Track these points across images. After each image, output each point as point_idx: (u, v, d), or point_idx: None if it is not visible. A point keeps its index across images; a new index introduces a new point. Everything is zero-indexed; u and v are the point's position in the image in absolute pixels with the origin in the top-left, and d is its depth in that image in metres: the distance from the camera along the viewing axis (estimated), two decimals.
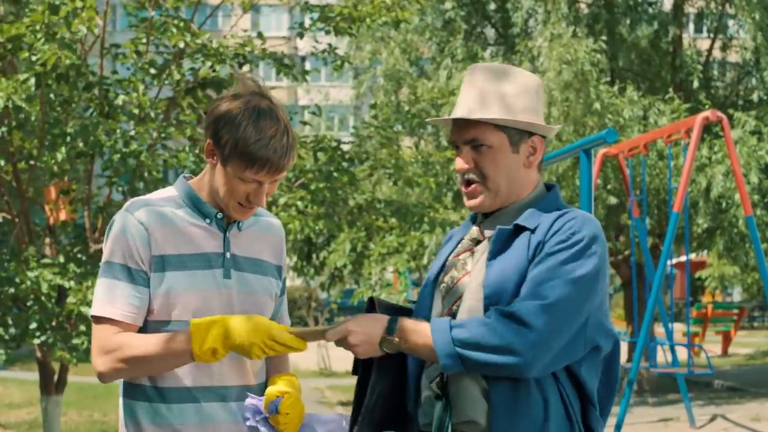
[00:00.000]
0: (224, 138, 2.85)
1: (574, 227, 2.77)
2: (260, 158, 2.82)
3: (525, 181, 2.92)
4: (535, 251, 2.76)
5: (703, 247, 18.91)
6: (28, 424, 13.77)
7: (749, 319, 39.63)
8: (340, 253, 12.72)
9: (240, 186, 2.89)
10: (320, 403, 16.50)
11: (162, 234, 2.92)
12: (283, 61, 9.86)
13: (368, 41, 18.32)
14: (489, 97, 2.87)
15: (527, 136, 2.89)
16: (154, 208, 2.95)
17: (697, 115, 11.27)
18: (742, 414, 13.81)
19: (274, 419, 2.91)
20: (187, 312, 2.91)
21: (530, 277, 2.72)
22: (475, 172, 2.88)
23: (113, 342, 2.87)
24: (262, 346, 2.77)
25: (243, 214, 2.97)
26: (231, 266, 2.99)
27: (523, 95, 2.88)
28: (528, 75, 2.92)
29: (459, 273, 2.88)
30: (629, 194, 12.76)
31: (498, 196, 2.89)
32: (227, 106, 2.87)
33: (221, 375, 2.96)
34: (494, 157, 2.87)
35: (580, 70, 15.23)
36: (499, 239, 2.82)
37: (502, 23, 19.05)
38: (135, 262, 2.89)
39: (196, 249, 2.95)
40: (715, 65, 20.50)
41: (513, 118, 2.85)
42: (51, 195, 9.56)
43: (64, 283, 8.26)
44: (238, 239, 3.04)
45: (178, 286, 2.91)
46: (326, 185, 10.22)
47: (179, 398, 2.93)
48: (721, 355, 25.03)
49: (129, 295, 2.89)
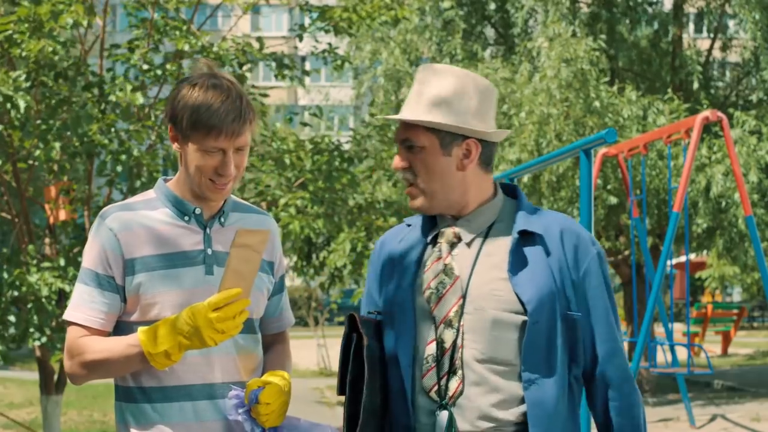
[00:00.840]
0: (179, 115, 2.91)
1: (590, 255, 2.88)
2: (215, 123, 2.86)
3: (470, 185, 2.88)
4: (560, 270, 2.83)
5: (702, 248, 18.90)
6: (28, 423, 13.76)
7: (749, 319, 39.63)
8: (340, 253, 12.71)
9: (206, 160, 2.91)
10: (320, 403, 16.49)
11: (135, 237, 2.95)
12: (283, 62, 9.86)
13: (368, 41, 18.30)
14: (423, 98, 2.85)
15: (461, 139, 2.85)
16: (128, 213, 2.99)
17: (696, 115, 11.26)
18: (741, 414, 13.81)
19: (255, 410, 2.88)
20: (168, 312, 2.92)
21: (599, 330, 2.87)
22: (410, 173, 2.87)
23: (77, 346, 2.95)
24: (208, 325, 2.75)
25: (217, 192, 2.97)
26: (213, 262, 2.99)
27: (461, 97, 2.84)
28: (463, 75, 2.87)
29: (450, 279, 2.83)
30: (629, 194, 12.75)
31: (435, 199, 2.86)
32: (180, 89, 2.96)
33: (211, 373, 2.95)
34: (424, 158, 2.84)
35: (579, 69, 15.22)
36: (516, 249, 2.82)
37: (501, 23, 19.03)
38: (104, 268, 2.95)
39: (173, 248, 2.97)
40: (715, 65, 20.50)
41: (440, 120, 2.81)
42: (51, 194, 9.55)
43: (64, 286, 8.26)
44: (222, 235, 3.03)
45: (155, 287, 2.93)
46: (326, 185, 10.20)
47: (164, 398, 2.94)
48: (720, 355, 25.03)
49: (96, 300, 2.95)
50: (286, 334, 3.31)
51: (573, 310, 2.83)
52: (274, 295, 3.20)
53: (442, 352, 2.80)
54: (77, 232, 9.58)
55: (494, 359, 2.78)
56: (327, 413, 15.22)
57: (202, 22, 9.90)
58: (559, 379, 2.79)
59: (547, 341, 2.78)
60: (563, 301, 2.81)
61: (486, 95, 2.89)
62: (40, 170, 9.18)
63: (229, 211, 3.09)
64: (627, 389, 2.89)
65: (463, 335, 2.80)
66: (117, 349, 2.89)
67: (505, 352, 2.78)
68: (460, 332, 2.80)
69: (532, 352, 2.77)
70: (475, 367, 2.78)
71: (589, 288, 2.86)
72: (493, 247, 2.86)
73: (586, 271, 2.86)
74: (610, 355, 2.87)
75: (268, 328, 3.22)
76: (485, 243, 2.87)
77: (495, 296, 2.80)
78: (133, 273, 2.94)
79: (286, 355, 3.24)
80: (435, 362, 2.81)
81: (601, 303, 2.87)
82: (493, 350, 2.78)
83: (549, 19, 16.24)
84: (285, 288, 3.27)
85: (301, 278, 19.09)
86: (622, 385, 2.88)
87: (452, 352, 2.80)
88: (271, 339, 3.24)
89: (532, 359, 2.77)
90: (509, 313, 2.79)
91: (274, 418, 2.91)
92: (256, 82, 15.26)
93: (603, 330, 2.86)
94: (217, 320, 2.76)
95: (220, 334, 2.78)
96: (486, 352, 2.78)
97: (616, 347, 2.89)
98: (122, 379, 2.99)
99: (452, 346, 2.80)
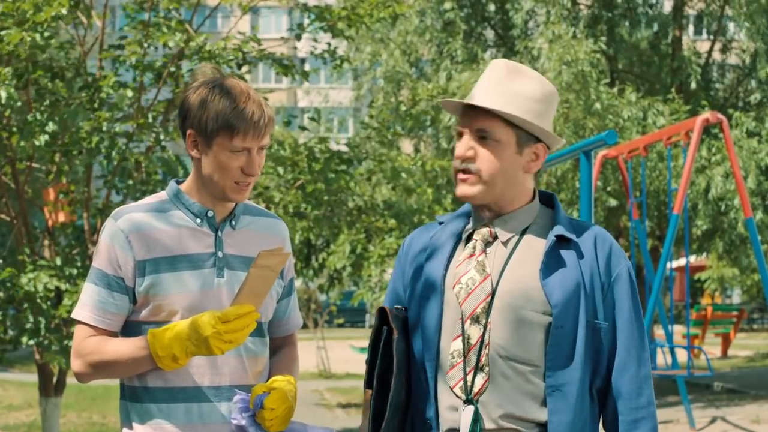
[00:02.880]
0: (203, 118, 2.93)
1: (622, 263, 2.89)
2: (242, 122, 2.90)
3: (522, 186, 2.90)
4: (591, 276, 2.83)
5: (702, 250, 18.89)
6: (27, 426, 13.75)
7: (748, 321, 39.61)
8: (339, 254, 12.71)
9: (231, 161, 2.93)
10: (319, 405, 16.47)
11: (146, 239, 2.95)
12: (282, 62, 9.83)
13: (368, 42, 18.30)
14: (507, 93, 2.85)
15: (534, 141, 2.87)
16: (140, 214, 2.99)
17: (697, 117, 11.25)
18: (742, 416, 13.78)
19: (260, 415, 2.88)
20: (178, 314, 2.93)
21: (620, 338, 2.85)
22: (474, 163, 2.86)
23: (85, 346, 2.96)
24: (216, 336, 2.78)
25: (241, 192, 2.98)
26: (224, 265, 2.99)
27: (539, 100, 2.86)
28: (546, 82, 2.91)
29: (480, 275, 2.84)
30: (629, 196, 12.74)
31: (491, 192, 2.86)
32: (195, 95, 2.97)
33: (218, 375, 2.95)
34: (498, 151, 2.84)
35: (580, 71, 15.21)
36: (551, 251, 2.83)
37: (501, 24, 19.03)
38: (113, 269, 2.96)
39: (184, 250, 2.97)
40: (715, 67, 20.50)
41: (528, 119, 2.83)
42: (50, 196, 9.53)
43: (60, 285, 8.23)
44: (233, 238, 3.04)
45: (165, 289, 2.93)
46: (324, 187, 10.17)
47: (170, 398, 2.94)
48: (720, 357, 25.00)
49: (104, 301, 2.96)
50: (294, 337, 3.30)
51: (599, 319, 2.83)
52: (284, 298, 3.19)
53: (468, 348, 2.81)
54: (76, 234, 9.56)
55: (518, 357, 2.78)
56: (326, 415, 15.20)
57: (200, 23, 9.88)
58: (582, 389, 2.80)
59: (572, 347, 2.79)
60: (590, 308, 2.82)
61: (554, 102, 2.94)
62: (22, 158, 9.09)
63: (240, 214, 3.09)
64: (641, 403, 2.84)
65: (490, 332, 2.80)
66: (126, 351, 2.91)
67: (530, 352, 2.79)
68: (487, 329, 2.80)
69: (556, 357, 2.78)
70: (501, 365, 2.79)
71: (617, 296, 2.86)
72: (527, 247, 2.87)
73: (617, 278, 2.87)
74: (625, 364, 2.84)
75: (276, 330, 3.21)
76: (520, 243, 2.88)
77: (524, 295, 2.80)
78: (143, 274, 2.94)
79: (293, 360, 3.23)
80: (461, 358, 2.81)
81: (626, 312, 2.86)
82: (517, 348, 2.79)
83: (549, 21, 16.23)
84: (294, 291, 3.26)
85: (300, 280, 19.11)
86: (633, 399, 2.84)
87: (479, 348, 2.80)
88: (279, 342, 3.23)
89: (556, 364, 2.78)
90: (536, 313, 2.79)
91: (278, 424, 2.91)
92: (255, 84, 15.22)
93: (623, 338, 2.85)
94: (226, 332, 2.79)
95: (227, 344, 2.81)
96: (510, 350, 2.79)
97: (633, 358, 2.84)
98: (128, 378, 2.99)
99: (479, 342, 2.80)
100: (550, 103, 2.90)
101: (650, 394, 2.85)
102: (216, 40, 9.35)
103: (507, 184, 2.86)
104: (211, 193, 3.01)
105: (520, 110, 2.83)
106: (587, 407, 2.82)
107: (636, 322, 2.87)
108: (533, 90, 2.86)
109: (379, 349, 2.91)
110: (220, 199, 3.01)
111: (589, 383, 2.82)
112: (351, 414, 15.38)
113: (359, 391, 17.87)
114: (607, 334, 2.83)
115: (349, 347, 26.10)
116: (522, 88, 2.85)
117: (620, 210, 16.53)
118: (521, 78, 2.87)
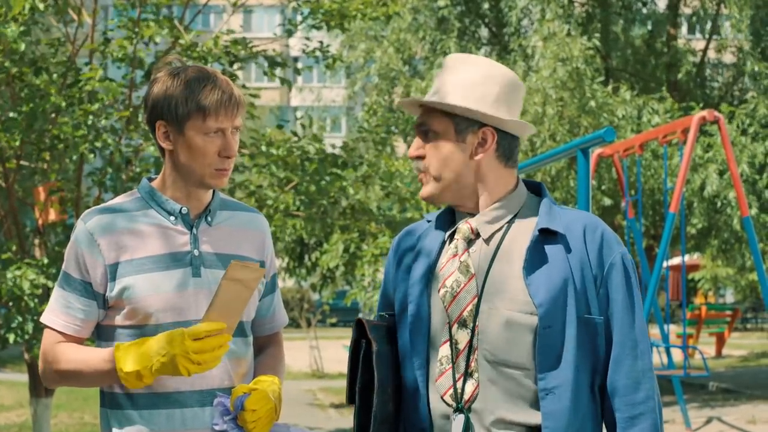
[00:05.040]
0: (172, 105, 2.84)
1: (615, 253, 2.74)
2: (213, 102, 2.82)
3: (485, 176, 2.76)
4: (582, 270, 2.69)
5: (697, 249, 18.86)
6: (18, 426, 13.66)
7: (742, 321, 39.65)
8: (332, 254, 12.64)
9: (207, 145, 2.84)
10: (312, 405, 16.39)
11: (116, 241, 2.86)
12: (274, 60, 9.76)
13: (362, 39, 18.24)
14: (447, 85, 2.77)
15: (477, 126, 2.74)
16: (110, 215, 2.90)
17: (693, 114, 11.19)
18: (737, 416, 13.75)
19: (241, 418, 2.78)
20: (153, 317, 2.83)
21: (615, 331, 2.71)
22: (423, 160, 2.78)
23: (52, 353, 2.90)
24: (184, 354, 2.67)
25: (220, 177, 2.89)
26: (200, 264, 2.89)
27: (477, 83, 2.75)
28: (493, 65, 2.79)
29: (465, 277, 2.72)
30: (624, 195, 12.67)
31: (446, 188, 2.76)
32: (159, 85, 2.89)
33: (201, 378, 2.84)
34: (437, 143, 2.75)
35: (574, 69, 15.15)
36: (534, 247, 2.70)
37: (495, 22, 18.98)
38: (81, 274, 2.87)
39: (158, 250, 2.87)
40: (709, 65, 20.49)
41: (457, 104, 2.72)
42: (40, 196, 9.45)
43: (48, 282, 8.15)
44: (209, 235, 2.94)
45: (138, 292, 2.83)
46: (317, 190, 10.07)
47: (151, 404, 2.85)
48: (714, 357, 25.00)
49: (72, 306, 2.88)
50: (280, 335, 3.20)
51: (593, 314, 2.70)
52: (266, 295, 3.10)
53: (457, 354, 2.71)
54: (67, 233, 9.47)
55: (507, 362, 2.67)
56: (319, 415, 15.12)
57: (190, 20, 9.81)
58: (579, 390, 2.67)
59: (563, 347, 2.66)
60: (582, 304, 2.68)
61: (511, 87, 2.79)
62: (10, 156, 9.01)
63: (217, 209, 2.99)
64: (638, 398, 2.69)
65: (479, 336, 2.70)
66: (91, 362, 2.82)
67: (519, 354, 2.67)
68: (475, 333, 2.70)
69: (546, 359, 2.65)
70: (490, 370, 2.68)
71: (611, 288, 2.71)
72: (512, 243, 2.74)
73: (610, 268, 2.72)
74: (620, 358, 2.70)
75: (260, 329, 3.12)
76: (504, 239, 2.76)
77: (509, 295, 2.69)
78: (114, 278, 2.85)
79: (279, 359, 3.13)
80: (450, 364, 2.71)
81: (621, 304, 2.72)
82: (505, 352, 2.67)
83: (544, 18, 16.19)
84: (277, 287, 3.17)
85: (293, 279, 19.04)
86: (629, 395, 2.69)
87: (468, 353, 2.69)
88: (264, 341, 3.14)
89: (547, 366, 2.65)
90: (522, 314, 2.67)
91: (261, 426, 2.80)
92: (248, 83, 15.16)
93: (618, 331, 2.70)
94: (195, 351, 2.68)
95: (195, 366, 2.70)
96: (499, 355, 2.68)
97: (627, 351, 2.69)
98: (108, 385, 2.90)
99: (467, 347, 2.69)
100: (495, 84, 2.76)
101: (650, 389, 2.71)
102: (207, 39, 9.29)
103: (457, 175, 2.75)
104: (189, 183, 2.91)
105: (448, 97, 2.73)
106: (585, 408, 2.68)
107: (631, 313, 2.72)
108: (470, 75, 2.76)
109: (359, 362, 2.81)
110: (199, 187, 2.91)
111: (590, 382, 2.70)
112: (344, 414, 15.30)
113: None
114: (603, 329, 2.70)
115: (342, 347, 26.02)
116: (457, 76, 2.77)
117: (615, 209, 16.47)
118: (462, 66, 2.79)
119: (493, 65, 2.79)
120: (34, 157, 9.03)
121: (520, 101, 2.84)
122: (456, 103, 2.72)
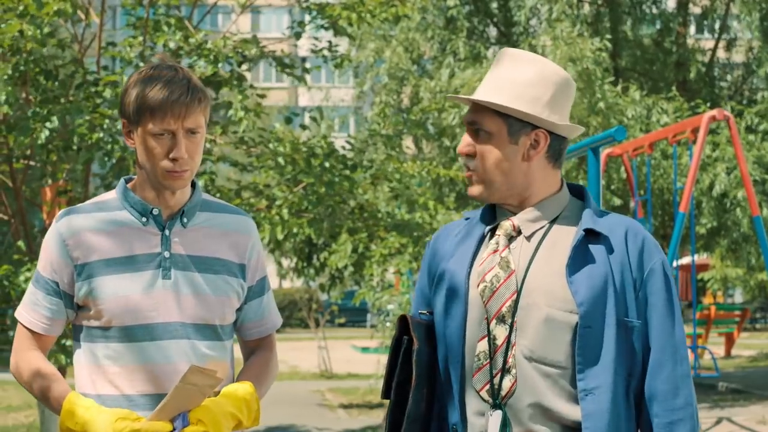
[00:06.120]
0: (127, 104, 2.82)
1: (655, 257, 2.73)
2: (159, 103, 2.76)
3: (533, 176, 2.75)
4: (622, 272, 2.69)
5: (706, 249, 18.81)
6: (26, 427, 13.67)
7: (751, 321, 39.54)
8: (341, 254, 12.59)
9: (156, 146, 2.79)
10: (321, 406, 16.36)
11: (85, 242, 2.84)
12: (283, 60, 9.74)
13: (371, 39, 18.22)
14: (497, 81, 2.74)
15: (530, 128, 2.73)
16: (81, 216, 2.88)
17: (703, 114, 11.15)
18: (747, 417, 13.69)
19: None
20: (118, 318, 2.81)
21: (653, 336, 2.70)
22: (474, 159, 2.76)
23: (22, 353, 2.91)
24: None
25: (174, 179, 2.82)
26: (170, 266, 2.85)
27: (532, 84, 2.72)
28: (548, 65, 2.77)
29: (504, 273, 2.71)
30: (633, 194, 12.62)
31: (494, 188, 2.75)
32: (128, 83, 2.86)
33: (170, 382, 2.78)
34: (491, 143, 2.73)
35: (584, 69, 15.12)
36: (579, 246, 2.69)
37: (504, 22, 18.95)
38: (50, 273, 2.87)
39: (126, 252, 2.84)
40: (719, 65, 20.43)
41: (513, 106, 2.69)
42: (47, 196, 9.45)
43: None
44: (183, 237, 2.89)
45: (103, 293, 2.81)
46: (325, 190, 10.03)
47: (118, 406, 2.79)
48: (724, 357, 24.93)
49: (40, 304, 2.89)
50: (272, 338, 3.13)
51: (630, 317, 2.68)
52: (254, 298, 3.02)
53: (494, 349, 2.68)
54: None
55: (544, 359, 2.65)
56: (328, 416, 15.09)
57: (199, 20, 9.79)
58: (617, 392, 2.65)
59: (603, 348, 2.65)
60: (621, 306, 2.67)
61: (563, 87, 2.77)
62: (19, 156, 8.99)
63: (196, 210, 2.94)
64: (677, 404, 2.69)
65: (517, 332, 2.67)
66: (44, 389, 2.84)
67: (557, 352, 2.65)
68: (513, 329, 2.68)
69: (586, 359, 2.64)
70: (527, 366, 2.66)
71: (650, 291, 2.70)
72: (554, 242, 2.73)
73: (650, 274, 2.71)
74: (660, 363, 2.68)
75: (250, 332, 3.06)
76: (546, 237, 2.74)
77: (550, 292, 2.67)
78: (82, 279, 2.83)
79: (265, 364, 3.05)
80: (487, 359, 2.69)
81: (661, 310, 2.70)
82: (543, 349, 2.65)
83: (552, 17, 16.16)
84: (268, 290, 3.08)
85: (301, 279, 19.01)
86: (668, 400, 2.68)
87: (506, 349, 2.67)
88: (254, 344, 3.08)
89: (587, 367, 2.64)
90: (563, 312, 2.65)
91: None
92: (256, 83, 15.15)
93: (658, 336, 2.69)
94: None
95: None
96: (537, 352, 2.66)
97: (668, 356, 2.69)
98: (80, 387, 2.88)
99: (505, 343, 2.67)
100: (550, 85, 2.74)
101: (688, 395, 2.69)
102: (216, 39, 9.27)
103: (508, 177, 2.74)
104: (151, 185, 2.87)
105: (503, 98, 2.70)
106: (623, 412, 2.66)
107: (671, 319, 2.71)
108: (525, 74, 2.73)
109: (398, 358, 2.79)
110: (158, 188, 2.86)
111: (626, 386, 2.68)
112: (353, 414, 15.27)
113: (361, 391, 17.78)
114: (640, 333, 2.69)
115: (350, 347, 26.00)
116: (512, 74, 2.73)
117: (624, 209, 16.43)
118: (516, 64, 2.75)
119: (546, 64, 2.77)
120: (42, 157, 9.03)
121: (571, 101, 2.83)
122: (511, 105, 2.70)
